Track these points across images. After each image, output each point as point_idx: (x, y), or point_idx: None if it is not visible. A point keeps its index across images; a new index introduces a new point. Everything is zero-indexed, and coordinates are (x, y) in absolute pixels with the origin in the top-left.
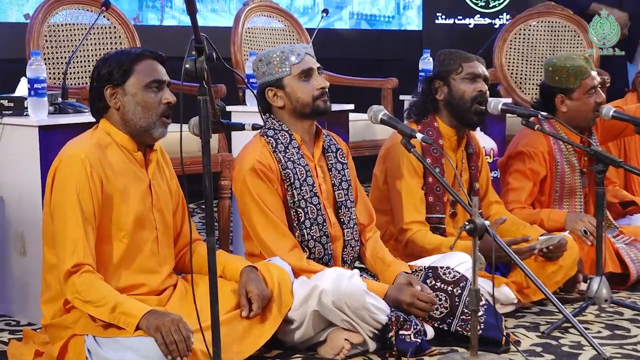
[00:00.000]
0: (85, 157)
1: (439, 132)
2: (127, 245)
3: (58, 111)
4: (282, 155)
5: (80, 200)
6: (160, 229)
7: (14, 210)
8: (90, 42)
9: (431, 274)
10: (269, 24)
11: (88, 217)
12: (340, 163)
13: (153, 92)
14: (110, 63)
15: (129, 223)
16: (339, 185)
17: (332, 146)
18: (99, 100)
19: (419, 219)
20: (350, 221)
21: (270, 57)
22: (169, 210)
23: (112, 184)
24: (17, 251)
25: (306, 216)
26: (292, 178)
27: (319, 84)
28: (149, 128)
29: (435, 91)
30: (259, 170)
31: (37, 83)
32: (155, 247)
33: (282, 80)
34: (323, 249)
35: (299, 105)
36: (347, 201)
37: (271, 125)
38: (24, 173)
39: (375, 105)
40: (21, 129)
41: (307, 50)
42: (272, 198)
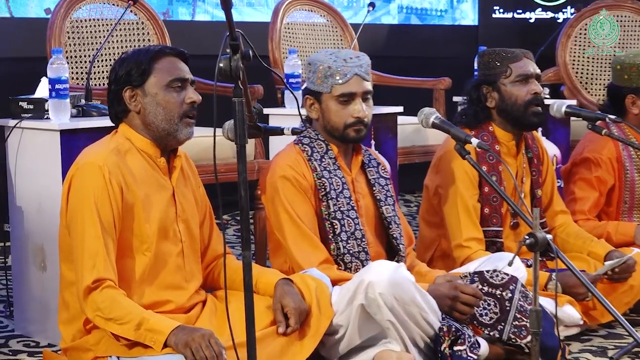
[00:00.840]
0: (104, 163)
1: (495, 137)
2: (150, 259)
3: (81, 114)
4: (318, 164)
5: (99, 210)
6: (186, 242)
7: (33, 221)
8: (116, 39)
9: (477, 279)
10: (310, 19)
11: (107, 229)
12: (383, 178)
13: (175, 91)
14: (128, 63)
15: (151, 235)
16: (385, 200)
17: (372, 161)
18: (118, 104)
19: (477, 235)
20: (400, 237)
21: (317, 66)
22: (195, 222)
23: (133, 192)
24: (36, 266)
25: (342, 229)
26: (328, 188)
27: (356, 112)
28: (172, 130)
29: (484, 98)
30: (292, 178)
31: (58, 83)
32: (180, 261)
33: (321, 95)
34: (361, 265)
35: (329, 126)
36: (395, 217)
37: (307, 134)
38: (44, 181)
39: (427, 108)
40: (41, 133)
41: (359, 71)
42: (305, 208)
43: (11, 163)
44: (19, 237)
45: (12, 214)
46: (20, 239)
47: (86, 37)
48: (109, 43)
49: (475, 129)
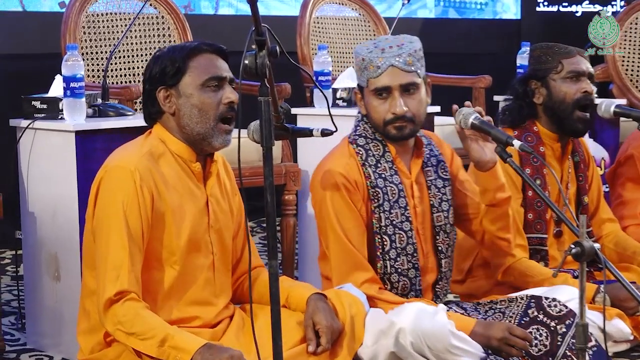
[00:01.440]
0: (135, 168)
1: (540, 139)
2: (178, 273)
3: (97, 114)
4: (372, 170)
5: (127, 218)
6: (217, 254)
7: (47, 228)
8: (134, 34)
9: (534, 304)
10: (340, 13)
11: (135, 238)
12: (441, 179)
13: (211, 90)
14: (162, 61)
15: (181, 246)
16: (438, 206)
17: (432, 158)
18: (152, 105)
19: (521, 242)
20: (448, 249)
21: (356, 57)
22: (229, 233)
23: (165, 200)
24: (50, 276)
25: (392, 245)
26: (382, 199)
27: (394, 107)
28: (207, 135)
29: (531, 94)
30: (342, 186)
31: (73, 82)
32: (211, 275)
33: (363, 88)
34: (409, 283)
35: (372, 123)
36: (447, 225)
37: (363, 132)
38: (59, 185)
39: (465, 107)
40: (55, 134)
41: (396, 62)
42: (353, 222)
43: (23, 166)
44: (32, 245)
45: (25, 221)
46: (32, 247)
47: (103, 33)
48: (127, 39)
49: (518, 128)
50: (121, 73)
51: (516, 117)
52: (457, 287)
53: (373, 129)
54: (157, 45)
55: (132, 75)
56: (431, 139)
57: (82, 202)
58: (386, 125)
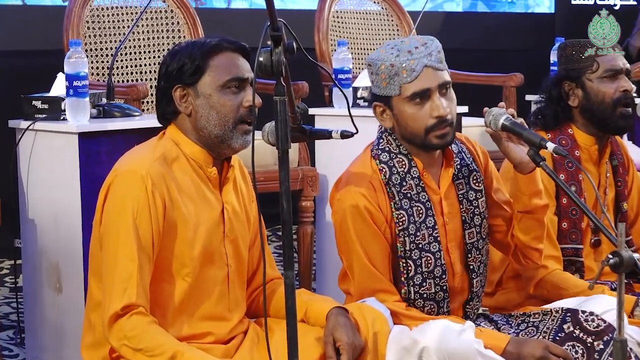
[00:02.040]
0: (147, 172)
1: (575, 142)
2: (190, 286)
3: (102, 114)
4: (397, 190)
5: (137, 227)
6: (233, 266)
7: (48, 236)
8: (141, 29)
9: (569, 319)
10: (361, 6)
11: (145, 248)
12: (473, 191)
13: (232, 92)
14: (180, 57)
15: (194, 258)
16: (470, 221)
17: (464, 169)
18: (167, 104)
19: (554, 253)
20: (480, 266)
21: (377, 67)
22: (245, 243)
23: (178, 208)
24: (51, 287)
25: (417, 270)
26: (406, 222)
27: (436, 109)
28: (226, 138)
29: (566, 96)
30: (364, 210)
31: (76, 80)
32: (225, 288)
33: (390, 99)
34: (437, 307)
35: (408, 133)
36: (479, 241)
37: (386, 145)
38: (61, 190)
39: (495, 108)
40: (57, 136)
41: (429, 61)
42: (377, 246)
43: (23, 170)
44: (32, 254)
45: (24, 228)
46: (32, 256)
47: (108, 28)
48: (134, 34)
49: (552, 130)
50: (127, 71)
51: (551, 122)
52: (487, 300)
53: (397, 142)
54: (166, 41)
55: (139, 73)
56: (463, 143)
57: (85, 209)
58: (428, 133)
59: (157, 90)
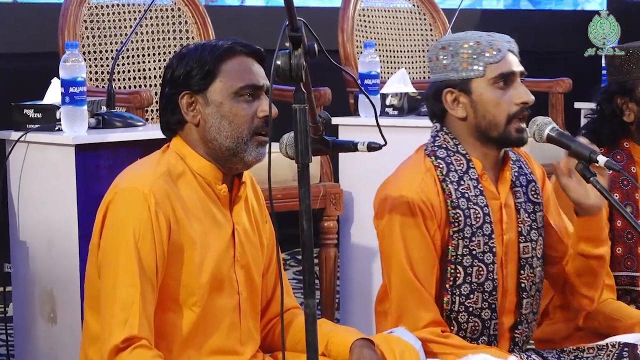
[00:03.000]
0: (150, 190)
1: (631, 157)
2: (198, 316)
3: (102, 124)
4: (454, 188)
5: (139, 250)
6: (244, 294)
7: (41, 260)
8: (145, 29)
9: (627, 354)
10: (390, 3)
11: (148, 274)
12: (531, 202)
13: (245, 101)
14: (188, 61)
15: (202, 285)
16: (526, 234)
17: (521, 177)
18: (172, 112)
19: (608, 282)
20: (532, 287)
21: (458, 46)
22: (258, 268)
23: (184, 230)
24: (44, 317)
25: (466, 279)
26: (462, 223)
27: (520, 96)
28: (239, 150)
29: (620, 112)
30: (418, 209)
31: (73, 86)
32: (236, 318)
33: (469, 81)
34: (482, 326)
35: (486, 122)
36: (534, 259)
37: (443, 142)
38: (56, 209)
39: (540, 117)
40: (51, 148)
41: (510, 47)
42: (424, 252)
43: (14, 186)
44: (23, 280)
45: (15, 251)
46: (24, 282)
47: (108, 28)
48: (137, 35)
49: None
50: (130, 76)
51: (606, 140)
52: None
53: (455, 141)
54: (173, 42)
55: (142, 78)
56: (519, 153)
57: (82, 230)
58: (510, 122)
59: (161, 97)
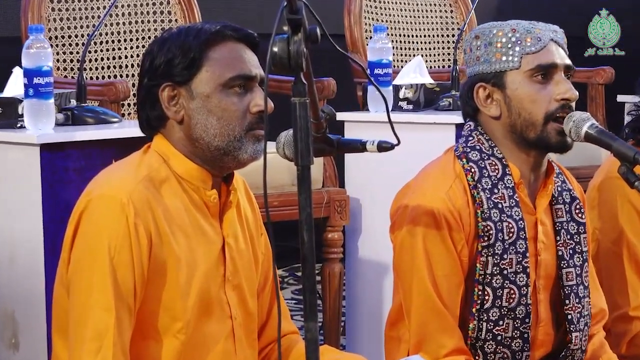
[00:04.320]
0: (129, 199)
1: None
2: (184, 345)
3: (71, 121)
4: (487, 197)
5: (116, 268)
6: (239, 318)
7: (1, 278)
8: (122, 10)
9: None
10: None
11: (125, 296)
12: (575, 223)
13: (236, 94)
14: (170, 47)
15: (188, 308)
16: (569, 258)
17: (564, 193)
18: (152, 107)
19: None
20: (580, 320)
21: (493, 34)
22: (252, 288)
23: (168, 244)
24: (4, 343)
25: (495, 302)
26: (493, 237)
27: (561, 92)
28: (231, 149)
29: None
30: (443, 219)
31: (38, 77)
32: (230, 346)
33: (504, 75)
34: (511, 358)
35: (522, 121)
36: (580, 287)
37: (477, 143)
38: (18, 219)
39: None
40: (13, 148)
41: (555, 36)
42: (448, 269)
43: None
44: None
45: None
46: None
47: (79, 9)
48: (112, 17)
49: None
50: (103, 65)
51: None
52: None
53: (491, 143)
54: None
55: (117, 67)
56: (560, 169)
57: (48, 243)
58: (548, 121)
59: (139, 90)
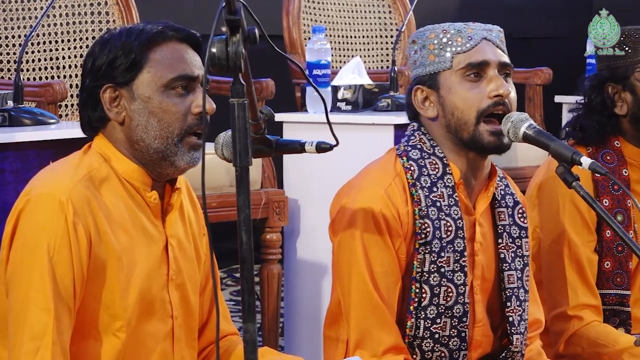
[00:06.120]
0: (68, 198)
1: (622, 158)
2: (124, 344)
3: (8, 122)
4: (425, 195)
5: (55, 268)
6: (179, 318)
7: None
8: (59, 11)
9: None
10: None
11: (64, 296)
12: (517, 227)
13: (177, 95)
14: (112, 48)
15: (129, 308)
16: (510, 262)
17: (507, 197)
18: (93, 108)
19: (592, 301)
20: (521, 324)
21: (425, 37)
22: (194, 288)
23: (108, 243)
24: None
25: (433, 300)
26: (431, 234)
27: (494, 88)
28: (169, 153)
29: (611, 102)
30: (380, 216)
31: None
32: (168, 346)
33: (437, 76)
34: (449, 357)
35: (455, 121)
36: (521, 290)
37: (418, 142)
38: None
39: (515, 113)
40: None
41: (489, 35)
42: (387, 266)
43: None
44: None
45: None
46: None
47: (15, 10)
48: (49, 18)
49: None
50: (40, 66)
51: (594, 136)
52: None
53: (433, 143)
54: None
55: (55, 68)
56: (506, 177)
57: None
58: (480, 120)
59: (81, 91)
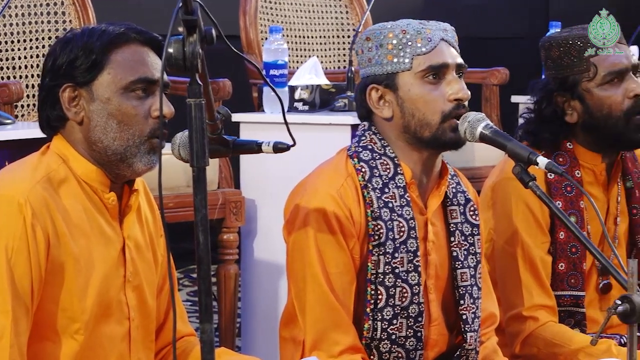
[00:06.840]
0: (26, 199)
1: (575, 159)
2: (82, 346)
3: None
4: (377, 196)
5: (12, 269)
6: (136, 320)
7: None
8: (15, 11)
9: None
10: None
11: (22, 298)
12: (469, 224)
13: (137, 97)
14: (73, 48)
15: (86, 310)
16: (463, 259)
17: (459, 195)
18: (53, 107)
19: (547, 302)
20: (475, 321)
21: (383, 36)
22: (152, 289)
23: (65, 245)
24: None
25: (389, 301)
26: (384, 236)
27: (455, 91)
28: (128, 156)
29: (561, 112)
30: (333, 217)
31: None
32: (125, 348)
33: (395, 76)
34: (406, 357)
35: (416, 122)
36: (474, 287)
37: (369, 143)
38: None
39: (472, 113)
40: None
41: (445, 35)
42: (341, 266)
43: None
44: None
45: None
46: None
47: None
48: (4, 18)
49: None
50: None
51: (547, 144)
52: None
53: (384, 143)
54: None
55: (10, 68)
56: (458, 174)
57: None
58: (445, 120)
59: (40, 89)
